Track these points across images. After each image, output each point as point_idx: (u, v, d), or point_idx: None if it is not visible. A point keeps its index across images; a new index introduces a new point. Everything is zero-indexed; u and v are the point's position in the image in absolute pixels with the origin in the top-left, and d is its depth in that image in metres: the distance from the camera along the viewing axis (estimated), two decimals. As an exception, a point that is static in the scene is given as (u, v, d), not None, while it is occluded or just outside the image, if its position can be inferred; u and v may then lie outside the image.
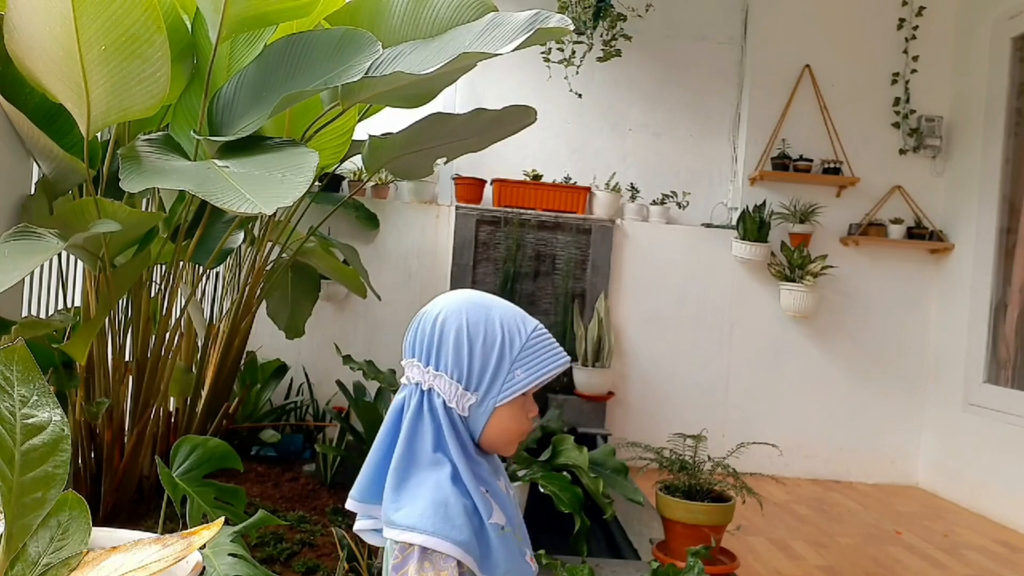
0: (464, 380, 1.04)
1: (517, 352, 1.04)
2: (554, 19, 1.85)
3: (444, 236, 4.53)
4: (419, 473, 1.02)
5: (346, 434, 3.33)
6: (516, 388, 1.04)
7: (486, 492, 1.04)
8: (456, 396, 1.04)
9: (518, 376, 1.04)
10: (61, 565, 1.25)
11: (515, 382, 1.04)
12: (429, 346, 1.06)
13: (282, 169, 1.81)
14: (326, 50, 2.08)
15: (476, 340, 1.04)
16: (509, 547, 1.03)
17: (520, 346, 1.04)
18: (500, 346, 1.04)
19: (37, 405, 1.24)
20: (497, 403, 1.04)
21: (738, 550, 2.91)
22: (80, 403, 2.36)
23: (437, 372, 1.04)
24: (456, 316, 1.05)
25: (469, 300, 1.08)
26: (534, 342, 1.05)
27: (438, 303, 1.09)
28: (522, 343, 1.04)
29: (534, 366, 1.04)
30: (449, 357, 1.04)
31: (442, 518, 0.98)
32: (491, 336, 1.04)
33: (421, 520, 0.98)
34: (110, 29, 1.75)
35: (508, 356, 1.04)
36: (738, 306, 4.71)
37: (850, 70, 4.77)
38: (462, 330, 1.04)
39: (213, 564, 1.55)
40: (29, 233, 1.84)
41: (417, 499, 1.00)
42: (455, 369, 1.03)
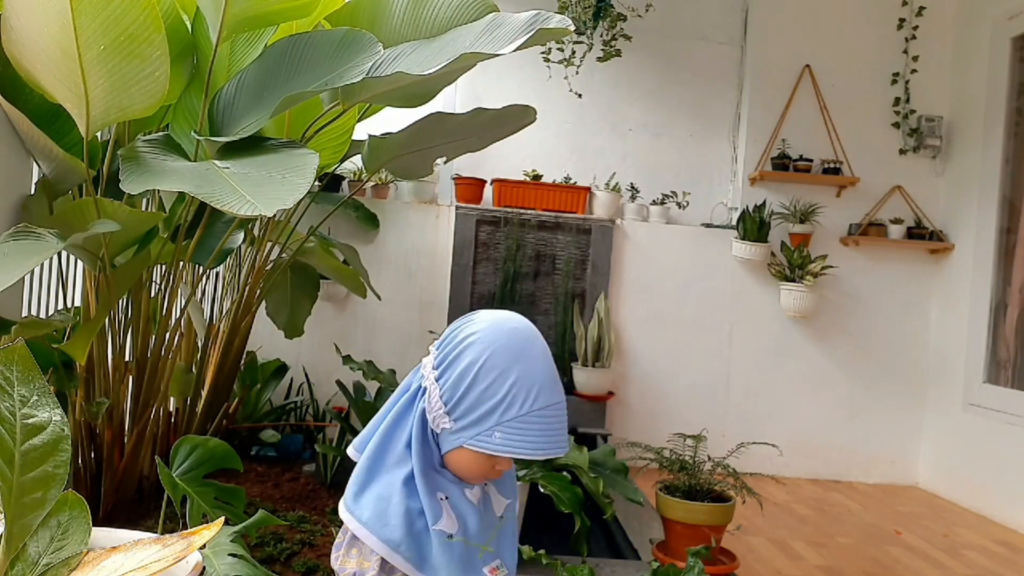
0: (449, 406, 1.02)
1: (509, 418, 0.99)
2: (554, 19, 1.85)
3: (444, 236, 4.53)
4: (382, 464, 1.04)
5: (346, 434, 3.33)
6: (486, 447, 1.00)
7: (444, 499, 1.04)
8: (435, 413, 1.03)
9: (495, 438, 0.99)
10: (61, 565, 1.25)
11: (489, 441, 1.00)
12: (447, 354, 1.04)
13: (282, 170, 1.80)
14: (327, 51, 2.08)
15: (480, 382, 1.00)
16: (453, 555, 1.02)
17: (514, 415, 0.99)
18: (494, 404, 0.99)
19: (37, 405, 1.24)
20: (465, 444, 1.02)
21: (738, 550, 2.91)
22: (80, 403, 2.36)
23: (435, 382, 1.04)
24: (481, 349, 1.01)
25: (508, 338, 1.03)
26: (532, 420, 1.00)
27: (483, 320, 1.06)
28: (518, 413, 0.99)
29: (514, 441, 0.99)
30: (451, 378, 1.02)
31: (378, 513, 1.00)
32: (494, 390, 0.99)
33: (361, 509, 1.01)
34: (109, 29, 1.75)
35: (496, 415, 0.99)
36: (738, 306, 4.71)
37: (850, 70, 4.77)
38: (475, 364, 1.00)
39: (213, 564, 1.55)
40: (29, 233, 1.84)
41: (369, 488, 1.03)
42: (447, 392, 1.02)
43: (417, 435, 1.04)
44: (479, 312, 1.08)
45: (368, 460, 1.05)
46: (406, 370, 4.28)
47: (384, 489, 1.02)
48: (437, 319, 4.50)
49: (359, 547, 1.02)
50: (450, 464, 1.06)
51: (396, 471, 1.03)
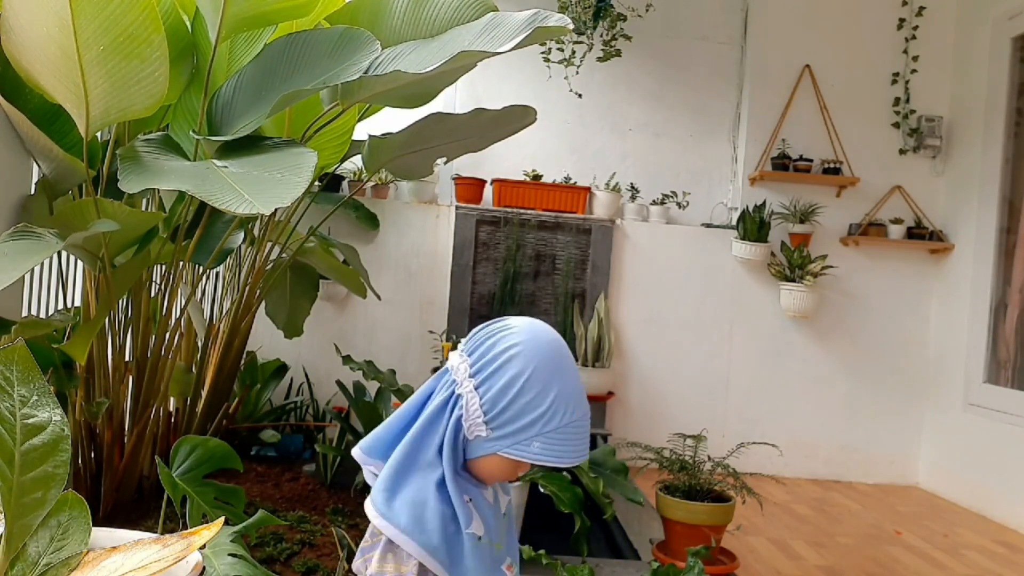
0: (488, 416, 1.04)
1: (549, 430, 1.03)
2: (553, 18, 1.85)
3: (444, 236, 4.53)
4: (414, 469, 1.05)
5: (346, 434, 3.33)
6: (523, 455, 1.04)
7: (469, 501, 1.07)
8: (473, 420, 1.05)
9: (534, 448, 1.04)
10: (61, 565, 1.25)
11: (528, 450, 1.04)
12: (486, 363, 1.05)
13: (281, 169, 1.80)
14: (325, 49, 2.08)
15: (523, 396, 1.03)
16: (483, 556, 1.05)
17: (554, 427, 1.04)
18: (537, 415, 1.03)
19: (37, 405, 1.24)
20: (500, 452, 1.05)
21: (738, 550, 2.91)
22: (80, 403, 2.36)
23: (475, 390, 1.05)
24: (525, 361, 1.04)
25: (548, 352, 1.07)
26: (569, 430, 1.05)
27: (521, 330, 1.08)
28: (558, 425, 1.04)
29: (552, 450, 1.04)
30: (493, 389, 1.04)
31: (415, 519, 1.01)
32: (537, 402, 1.03)
33: (396, 515, 1.02)
34: (108, 29, 1.75)
35: (537, 427, 1.03)
36: (738, 306, 4.71)
37: (850, 70, 4.77)
38: (520, 377, 1.03)
39: (213, 564, 1.55)
40: (29, 233, 1.84)
41: (401, 493, 1.03)
42: (489, 402, 1.04)
43: (450, 441, 1.05)
44: (511, 320, 1.10)
45: (398, 464, 1.05)
46: (406, 370, 4.28)
47: (417, 494, 1.03)
48: (437, 319, 4.50)
49: (395, 552, 1.02)
50: (476, 468, 1.09)
51: (427, 475, 1.04)
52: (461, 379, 1.06)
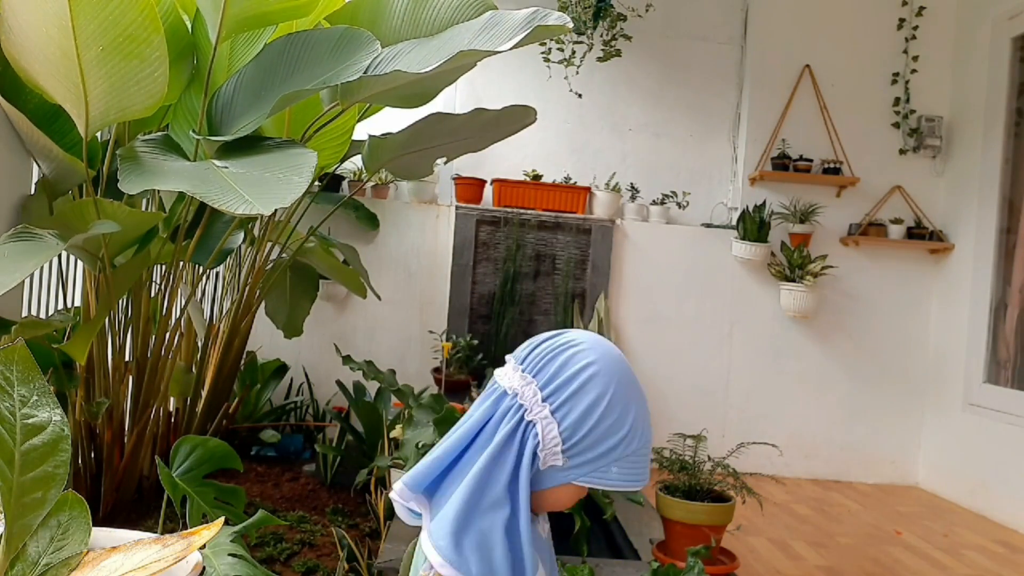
0: (569, 443, 0.95)
1: (627, 453, 0.96)
2: (553, 17, 1.85)
3: (444, 236, 4.53)
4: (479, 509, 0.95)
5: (346, 434, 3.33)
6: (602, 482, 0.97)
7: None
8: (550, 449, 0.95)
9: (612, 473, 0.96)
10: (61, 565, 1.25)
11: (606, 476, 0.97)
12: (560, 385, 0.96)
13: (281, 169, 1.81)
14: (325, 49, 2.08)
15: (607, 418, 0.95)
16: None
17: (634, 449, 0.96)
18: (619, 438, 0.95)
19: (37, 405, 1.24)
20: (575, 481, 0.97)
21: (738, 550, 2.91)
22: (80, 403, 2.36)
23: (552, 416, 0.95)
24: (605, 380, 0.95)
25: (623, 373, 0.98)
26: (642, 453, 0.98)
27: (591, 347, 0.99)
28: (637, 446, 0.97)
29: (629, 473, 0.97)
30: (573, 414, 0.94)
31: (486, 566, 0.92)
32: (620, 423, 0.95)
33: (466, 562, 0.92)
34: (107, 29, 1.75)
35: (618, 451, 0.95)
36: (738, 306, 4.71)
37: (850, 70, 4.77)
38: (602, 399, 0.94)
39: (213, 564, 1.55)
40: (29, 234, 1.84)
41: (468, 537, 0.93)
42: (570, 428, 0.94)
43: (525, 476, 0.95)
44: (574, 335, 1.01)
45: (463, 504, 0.94)
46: (406, 370, 4.27)
47: (483, 538, 0.93)
48: (437, 319, 4.50)
49: None
50: (545, 501, 1.01)
51: (493, 516, 0.94)
52: (531, 404, 0.96)
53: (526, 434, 0.96)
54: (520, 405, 0.97)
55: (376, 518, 2.72)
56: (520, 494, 0.94)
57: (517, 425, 0.96)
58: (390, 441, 2.83)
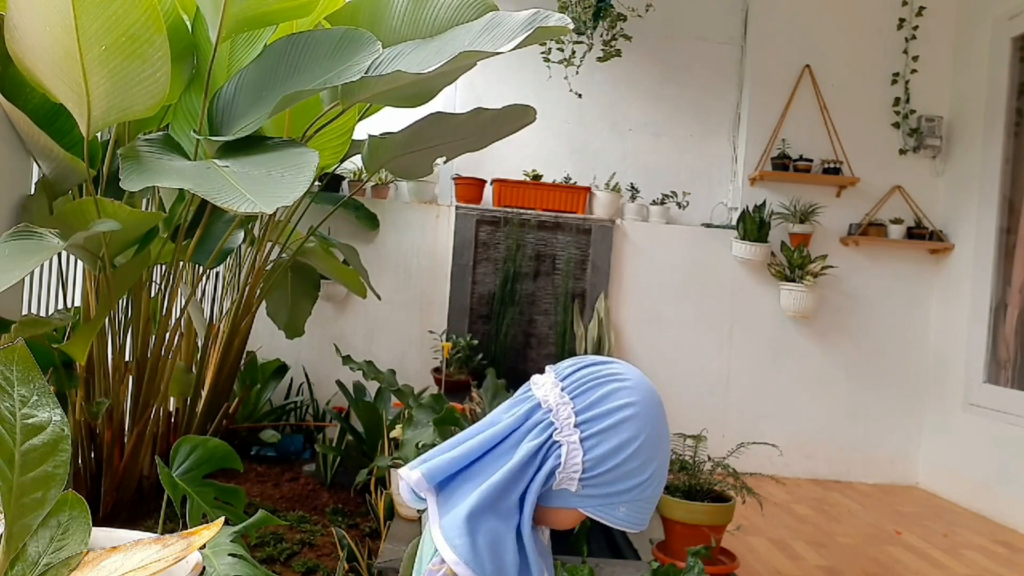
0: (588, 473, 0.97)
1: (637, 497, 0.98)
2: (553, 18, 1.85)
3: (444, 236, 4.53)
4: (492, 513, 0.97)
5: (346, 434, 3.33)
6: (606, 517, 0.99)
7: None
8: (569, 474, 0.97)
9: (619, 512, 0.99)
10: (61, 565, 1.25)
11: (612, 514, 0.99)
12: (597, 416, 0.97)
13: (282, 168, 1.81)
14: (326, 50, 2.08)
15: (632, 462, 0.96)
16: None
17: (645, 497, 0.99)
18: (636, 483, 0.97)
19: (37, 405, 1.24)
20: (581, 508, 0.99)
21: (738, 550, 2.91)
22: (80, 403, 2.36)
23: (578, 444, 0.96)
24: (640, 425, 0.97)
25: (659, 418, 1.00)
26: (651, 501, 1.00)
27: (636, 386, 1.00)
28: (647, 496, 0.99)
29: (634, 517, 1.00)
30: (601, 448, 0.96)
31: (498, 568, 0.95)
32: (641, 469, 0.97)
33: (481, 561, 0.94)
34: (110, 29, 1.75)
35: (631, 495, 0.98)
36: (738, 306, 4.71)
37: (850, 70, 4.77)
38: (632, 442, 0.96)
39: (213, 564, 1.55)
40: (29, 233, 1.84)
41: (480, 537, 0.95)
42: (593, 460, 0.96)
43: (536, 491, 0.97)
44: (620, 368, 1.02)
45: (478, 507, 0.96)
46: (406, 370, 4.27)
47: (497, 540, 0.95)
48: (437, 319, 4.50)
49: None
50: (546, 517, 1.03)
51: (506, 522, 0.97)
52: (562, 425, 0.97)
53: (550, 452, 0.97)
54: (551, 423, 0.98)
55: (376, 518, 2.72)
56: (526, 507, 0.97)
57: (544, 441, 0.97)
58: (390, 441, 2.83)
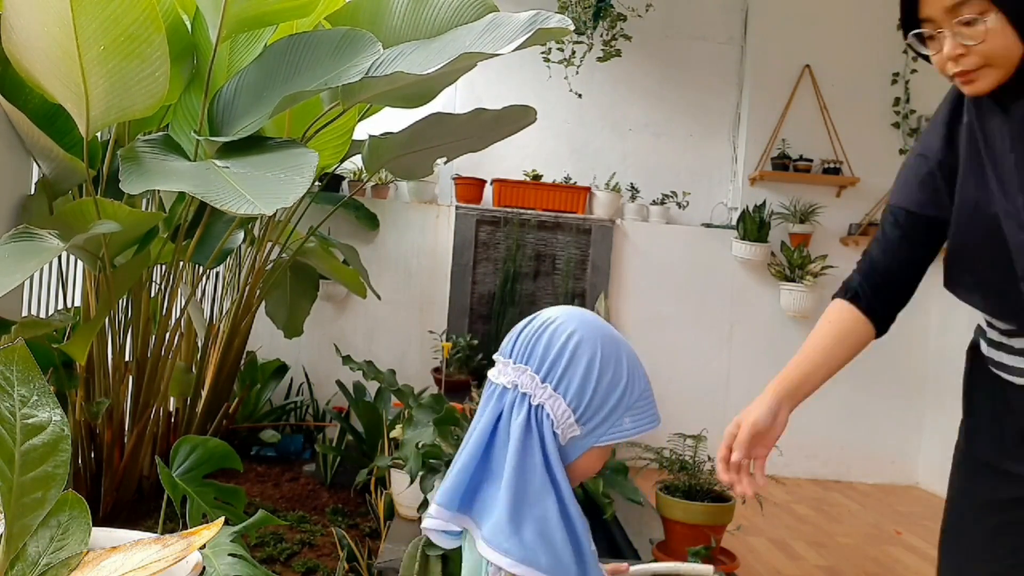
0: (579, 412, 0.99)
1: (633, 400, 1.01)
2: (554, 19, 1.85)
3: (444, 236, 4.53)
4: (527, 502, 0.97)
5: (346, 434, 3.33)
6: (619, 435, 1.01)
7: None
8: (565, 423, 0.99)
9: (625, 424, 1.01)
10: (61, 565, 1.25)
11: (621, 428, 1.01)
12: (553, 362, 0.99)
13: (282, 169, 1.81)
14: (326, 50, 2.08)
15: (604, 376, 0.99)
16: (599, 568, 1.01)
17: (636, 396, 1.01)
18: (622, 390, 1.00)
19: (37, 405, 1.24)
20: (596, 443, 1.01)
21: (738, 550, 2.91)
22: (80, 403, 2.37)
23: (555, 392, 0.98)
24: (591, 343, 1.00)
25: (603, 330, 1.02)
26: (646, 396, 1.03)
27: (567, 318, 1.02)
28: (639, 393, 1.02)
29: (641, 418, 1.02)
30: (574, 383, 0.98)
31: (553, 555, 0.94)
32: (617, 376, 1.00)
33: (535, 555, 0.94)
34: (108, 29, 1.75)
35: (625, 402, 1.00)
36: (738, 306, 4.71)
37: (850, 70, 4.77)
38: (594, 360, 0.99)
39: (213, 564, 1.55)
40: (29, 235, 1.84)
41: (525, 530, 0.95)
42: (575, 398, 0.98)
43: (554, 454, 0.98)
44: (547, 313, 1.04)
45: (511, 501, 0.96)
46: (406, 370, 4.27)
47: (541, 526, 0.95)
48: (437, 319, 4.50)
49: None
50: (576, 471, 1.04)
51: (543, 503, 0.96)
52: (532, 389, 0.99)
53: (539, 418, 0.99)
54: (523, 394, 0.99)
55: (376, 518, 2.72)
56: (557, 475, 0.97)
57: (528, 414, 0.99)
58: (390, 441, 2.83)
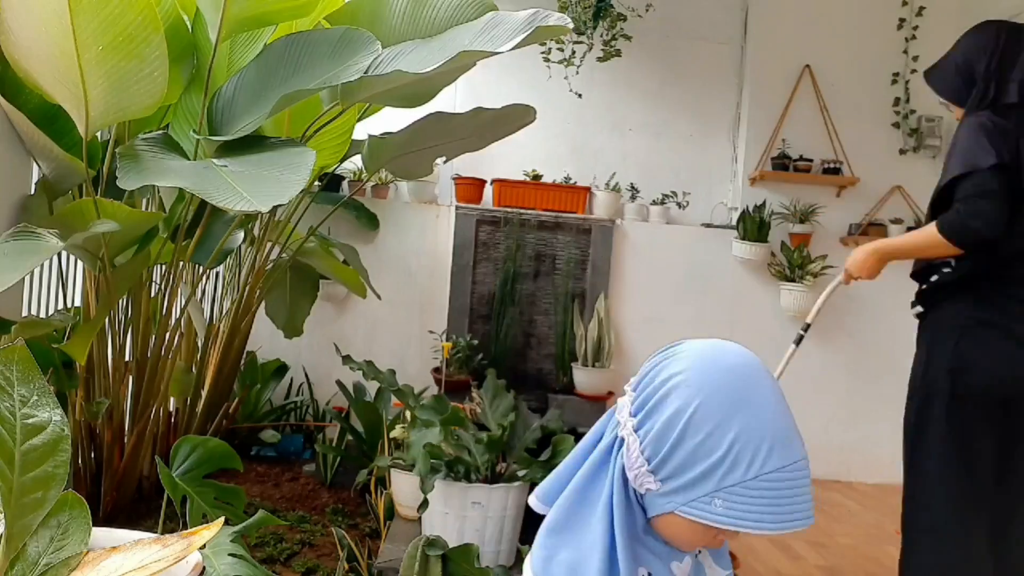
0: (652, 463, 0.84)
1: (731, 483, 0.80)
2: (553, 17, 1.85)
3: (444, 236, 4.53)
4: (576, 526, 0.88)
5: (346, 434, 3.33)
6: (704, 516, 0.82)
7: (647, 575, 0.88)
8: (636, 470, 0.85)
9: (715, 506, 0.81)
10: (61, 565, 1.25)
11: (707, 509, 0.82)
12: (646, 398, 0.87)
13: (279, 167, 1.81)
14: (325, 50, 2.08)
15: (691, 436, 0.82)
16: None
17: (738, 479, 0.80)
18: (713, 463, 0.81)
19: (37, 405, 1.24)
20: (676, 510, 0.84)
21: (738, 550, 2.91)
22: (80, 403, 2.37)
23: (634, 433, 0.86)
24: (691, 391, 0.83)
25: (723, 380, 0.83)
26: (763, 484, 0.80)
27: (692, 353, 0.87)
28: (744, 478, 0.80)
29: (741, 511, 0.80)
30: (653, 429, 0.84)
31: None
32: (711, 445, 0.81)
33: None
34: (107, 29, 1.75)
35: (715, 479, 0.81)
36: (738, 306, 4.71)
37: (850, 70, 4.77)
38: (683, 413, 0.82)
39: (213, 564, 1.55)
40: (29, 233, 1.84)
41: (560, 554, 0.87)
42: (650, 446, 0.84)
43: (619, 497, 0.86)
44: (686, 343, 0.90)
45: (558, 519, 0.89)
46: (406, 370, 4.28)
47: (578, 556, 0.85)
48: (437, 319, 4.50)
49: None
50: (660, 529, 0.89)
51: (589, 536, 0.86)
52: (623, 418, 0.88)
53: (618, 451, 0.88)
54: (618, 421, 0.90)
55: (376, 518, 2.72)
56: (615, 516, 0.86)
57: (613, 440, 0.90)
58: (390, 441, 2.83)
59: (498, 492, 2.33)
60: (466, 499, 2.29)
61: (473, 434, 2.45)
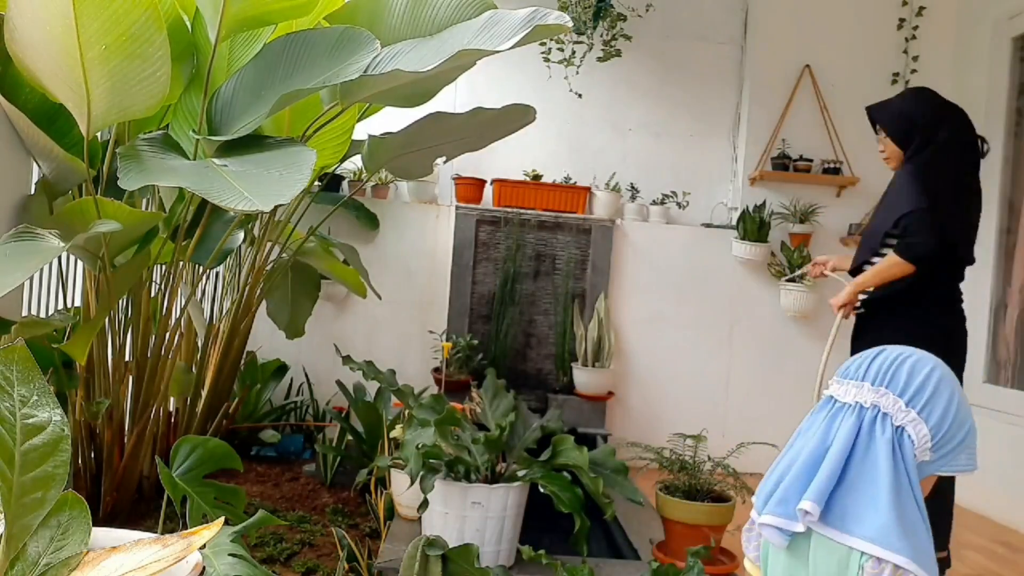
0: (936, 439, 1.12)
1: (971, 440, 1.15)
2: (552, 16, 1.85)
3: (444, 236, 4.53)
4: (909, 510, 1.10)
5: (346, 434, 3.33)
6: (955, 468, 1.15)
7: None
8: (922, 447, 1.12)
9: (961, 460, 1.15)
10: (61, 565, 1.25)
11: (956, 463, 1.15)
12: (918, 390, 1.13)
13: (280, 167, 1.81)
14: (325, 49, 2.08)
15: (960, 413, 1.14)
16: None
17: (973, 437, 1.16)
18: (968, 428, 1.14)
19: (37, 405, 1.24)
20: (938, 471, 1.16)
21: (738, 550, 2.91)
22: (80, 403, 2.37)
23: (918, 418, 1.12)
24: (951, 382, 1.16)
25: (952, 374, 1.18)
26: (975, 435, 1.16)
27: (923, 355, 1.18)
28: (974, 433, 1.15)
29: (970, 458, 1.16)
30: (935, 413, 1.12)
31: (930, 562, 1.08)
32: (966, 415, 1.14)
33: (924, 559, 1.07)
34: (110, 29, 1.75)
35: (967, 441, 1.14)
36: (738, 306, 4.71)
37: (850, 70, 4.77)
38: (954, 397, 1.14)
39: (213, 564, 1.55)
40: (30, 235, 1.84)
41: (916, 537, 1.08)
42: (936, 426, 1.12)
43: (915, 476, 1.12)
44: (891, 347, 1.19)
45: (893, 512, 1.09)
46: (406, 370, 4.27)
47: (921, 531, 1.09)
48: (437, 319, 4.50)
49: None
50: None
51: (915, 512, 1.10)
52: (894, 411, 1.13)
53: (901, 438, 1.13)
54: (884, 415, 1.14)
55: (376, 518, 2.72)
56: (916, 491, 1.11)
57: (892, 432, 1.13)
58: (390, 441, 2.83)
59: (498, 492, 2.33)
60: (466, 499, 2.29)
61: (472, 434, 2.45)
